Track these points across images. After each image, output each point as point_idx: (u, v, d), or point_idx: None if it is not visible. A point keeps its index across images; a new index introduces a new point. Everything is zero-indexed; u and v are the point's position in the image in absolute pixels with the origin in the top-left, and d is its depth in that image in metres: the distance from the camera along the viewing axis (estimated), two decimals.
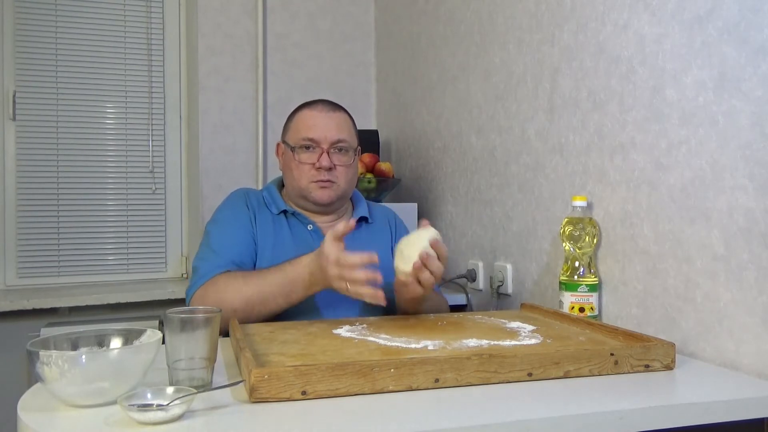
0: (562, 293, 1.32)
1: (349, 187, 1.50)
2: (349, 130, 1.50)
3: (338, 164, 1.45)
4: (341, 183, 1.47)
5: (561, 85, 1.48)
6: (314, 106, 1.50)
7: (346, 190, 1.49)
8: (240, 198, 1.51)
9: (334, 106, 1.51)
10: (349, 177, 1.49)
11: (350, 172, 1.49)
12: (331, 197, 1.46)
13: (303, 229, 1.48)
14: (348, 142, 1.47)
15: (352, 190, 1.54)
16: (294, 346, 1.02)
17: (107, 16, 2.49)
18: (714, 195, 1.08)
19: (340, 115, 1.49)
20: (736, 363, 1.03)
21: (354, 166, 1.50)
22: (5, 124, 2.37)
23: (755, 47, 1.01)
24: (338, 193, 1.47)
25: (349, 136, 1.48)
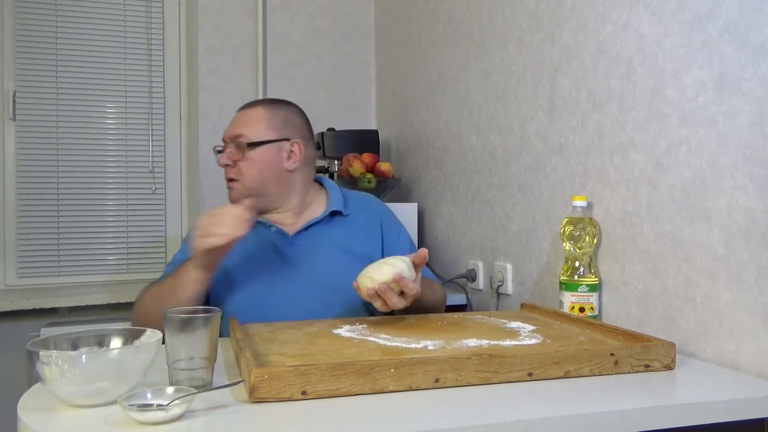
0: (562, 293, 1.32)
1: (257, 184, 1.41)
2: (254, 123, 1.42)
3: (234, 160, 1.41)
4: (244, 180, 1.41)
5: (561, 85, 1.48)
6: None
7: (252, 187, 1.41)
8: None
9: (254, 102, 1.47)
10: (251, 173, 1.40)
11: (251, 168, 1.40)
12: (235, 197, 1.41)
13: (266, 231, 1.44)
14: (245, 135, 1.40)
15: (268, 186, 1.43)
16: (294, 346, 1.02)
17: (107, 16, 2.49)
18: (714, 195, 1.08)
19: (249, 111, 1.45)
20: (736, 363, 1.03)
21: (258, 161, 1.40)
22: (5, 124, 2.37)
23: (755, 47, 1.01)
24: (243, 192, 1.40)
25: (249, 129, 1.41)
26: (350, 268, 1.39)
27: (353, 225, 1.49)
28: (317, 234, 1.45)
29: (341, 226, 1.48)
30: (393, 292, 1.15)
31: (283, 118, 1.46)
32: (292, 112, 1.50)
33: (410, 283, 1.16)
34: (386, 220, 1.55)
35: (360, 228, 1.49)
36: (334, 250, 1.44)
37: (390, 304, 1.17)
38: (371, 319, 1.26)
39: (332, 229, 1.47)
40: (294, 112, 1.51)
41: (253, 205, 1.28)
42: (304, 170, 1.49)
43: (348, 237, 1.46)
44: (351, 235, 1.47)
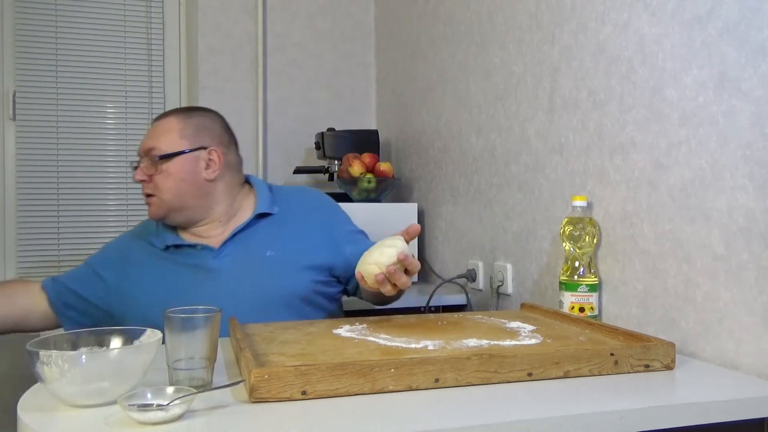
0: (562, 293, 1.32)
1: (175, 197, 1.34)
2: (165, 135, 1.36)
3: (148, 174, 1.34)
4: (161, 195, 1.34)
5: (561, 85, 1.48)
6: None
7: (170, 200, 1.34)
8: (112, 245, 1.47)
9: (165, 113, 1.40)
10: (168, 186, 1.33)
11: (167, 182, 1.33)
12: (155, 213, 1.36)
13: (193, 252, 1.37)
14: (157, 148, 1.34)
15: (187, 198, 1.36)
16: (294, 346, 1.02)
17: (107, 16, 2.49)
18: (714, 195, 1.08)
19: (161, 121, 1.38)
20: (736, 363, 1.03)
21: (172, 174, 1.34)
22: (5, 124, 2.37)
23: (755, 47, 1.01)
24: (162, 207, 1.35)
25: (161, 142, 1.35)
26: (284, 268, 1.37)
27: (285, 222, 1.43)
28: (245, 240, 1.39)
29: (270, 226, 1.41)
30: (400, 272, 1.14)
31: (196, 126, 1.38)
32: (207, 119, 1.42)
33: (413, 259, 1.15)
34: (323, 208, 1.49)
35: (294, 223, 1.43)
36: (262, 251, 1.38)
37: (400, 285, 1.15)
38: (371, 319, 1.26)
39: (260, 231, 1.40)
40: (210, 119, 1.43)
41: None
42: (227, 177, 1.41)
43: (280, 236, 1.40)
44: (283, 233, 1.41)
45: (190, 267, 1.36)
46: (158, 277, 1.36)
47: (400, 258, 1.13)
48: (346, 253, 1.42)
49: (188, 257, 1.38)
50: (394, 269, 1.13)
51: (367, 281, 1.16)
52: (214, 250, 1.37)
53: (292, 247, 1.40)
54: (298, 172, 2.43)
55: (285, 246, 1.40)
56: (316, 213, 1.47)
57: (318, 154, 2.41)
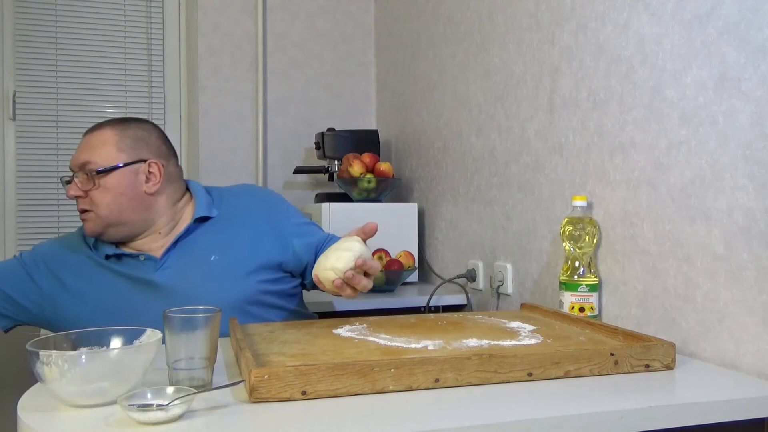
0: (562, 293, 1.32)
1: (114, 212, 1.28)
2: (101, 148, 1.29)
3: (84, 190, 1.28)
4: (98, 210, 1.27)
5: (561, 85, 1.48)
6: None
7: (108, 216, 1.28)
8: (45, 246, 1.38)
9: (99, 126, 1.33)
10: (106, 201, 1.27)
11: (105, 197, 1.27)
12: (93, 229, 1.29)
13: (135, 262, 1.32)
14: (93, 162, 1.27)
15: (126, 213, 1.30)
16: (294, 346, 1.02)
17: (107, 16, 2.49)
18: (714, 195, 1.08)
19: (94, 135, 1.31)
20: (736, 363, 1.03)
21: (111, 189, 1.28)
22: (5, 124, 2.37)
23: (755, 47, 1.01)
24: (99, 223, 1.28)
25: (97, 155, 1.28)
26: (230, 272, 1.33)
27: (228, 224, 1.38)
28: (186, 247, 1.34)
29: (212, 230, 1.36)
30: (360, 276, 1.12)
31: (134, 138, 1.32)
32: (144, 130, 1.35)
33: (372, 262, 1.12)
34: (266, 204, 1.44)
35: (237, 224, 1.38)
36: (206, 257, 1.33)
37: (360, 288, 1.13)
38: (371, 319, 1.26)
39: (201, 236, 1.35)
40: (147, 130, 1.36)
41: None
42: (169, 189, 1.35)
43: (223, 239, 1.36)
44: (226, 236, 1.36)
45: (131, 279, 1.30)
46: (98, 288, 1.30)
47: (358, 263, 1.10)
48: (295, 247, 1.39)
49: (130, 268, 1.31)
50: (352, 274, 1.11)
51: (325, 286, 1.14)
52: (157, 260, 1.31)
53: (237, 249, 1.35)
54: (298, 172, 2.43)
55: (229, 249, 1.35)
56: (259, 210, 1.42)
57: (318, 154, 2.41)
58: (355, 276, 1.11)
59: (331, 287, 1.13)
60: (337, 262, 1.11)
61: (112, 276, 1.31)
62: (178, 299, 1.24)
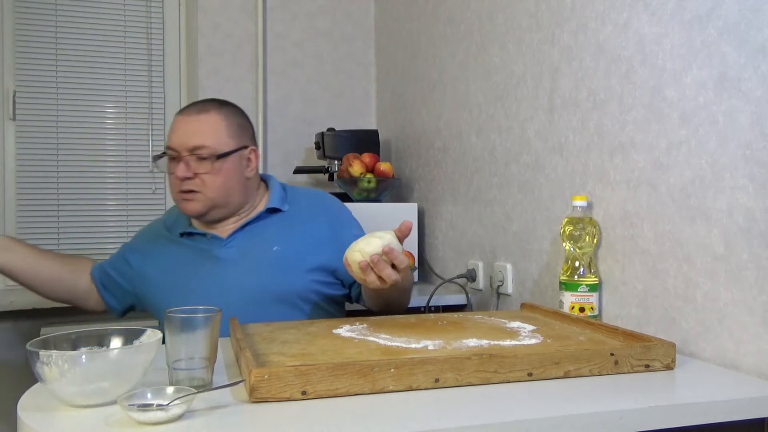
0: (562, 293, 1.32)
1: (221, 195, 1.37)
2: (215, 133, 1.36)
3: (198, 172, 1.34)
4: (208, 192, 1.35)
5: (561, 85, 1.48)
6: (183, 110, 1.40)
7: (215, 198, 1.36)
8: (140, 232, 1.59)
9: (203, 107, 1.39)
10: (217, 185, 1.35)
11: (217, 180, 1.35)
12: (196, 209, 1.36)
13: (203, 240, 1.43)
14: (209, 147, 1.34)
15: (231, 196, 1.39)
16: (294, 346, 1.02)
17: (107, 16, 2.49)
18: (714, 195, 1.08)
19: (204, 118, 1.37)
20: (736, 363, 1.03)
21: (225, 172, 1.36)
22: (5, 124, 2.37)
23: (755, 47, 1.01)
24: (205, 204, 1.36)
25: (212, 140, 1.35)
26: (288, 265, 1.39)
27: (295, 220, 1.44)
28: (253, 233, 1.42)
29: (280, 222, 1.44)
30: (385, 263, 1.15)
31: (238, 125, 1.41)
32: (242, 117, 1.45)
33: (400, 254, 1.15)
34: (336, 213, 1.50)
35: (303, 222, 1.45)
36: (269, 245, 1.41)
37: (383, 276, 1.15)
38: (371, 319, 1.26)
39: (269, 226, 1.43)
40: (244, 116, 1.46)
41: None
42: (257, 175, 1.47)
43: (287, 232, 1.42)
44: (291, 230, 1.43)
45: (198, 253, 1.41)
46: (172, 262, 1.42)
47: (385, 250, 1.14)
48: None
49: (199, 244, 1.43)
50: (378, 259, 1.14)
51: (351, 267, 1.17)
52: (222, 240, 1.41)
53: (298, 245, 1.42)
54: (298, 172, 2.43)
55: (291, 243, 1.42)
56: (324, 214, 1.48)
57: (318, 154, 2.41)
58: (380, 261, 1.14)
59: (357, 269, 1.16)
60: (366, 246, 1.15)
61: (183, 251, 1.43)
62: (236, 277, 1.37)
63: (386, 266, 1.15)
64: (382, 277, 1.16)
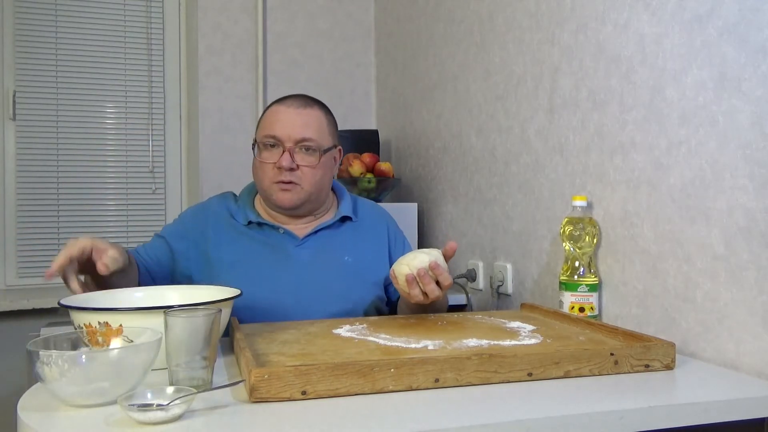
0: (562, 293, 1.32)
1: (316, 190, 1.39)
2: (320, 128, 1.39)
3: (302, 164, 1.36)
4: (305, 185, 1.37)
5: (561, 85, 1.48)
6: (285, 101, 1.41)
7: (311, 192, 1.38)
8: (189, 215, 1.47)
9: (307, 102, 1.41)
10: (316, 179, 1.38)
11: (317, 174, 1.38)
12: (293, 201, 1.37)
13: (275, 233, 1.42)
14: (315, 141, 1.36)
15: (322, 192, 1.42)
16: (294, 346, 1.02)
17: (107, 16, 2.49)
18: (714, 195, 1.08)
19: (310, 112, 1.39)
20: (736, 363, 1.03)
21: (323, 167, 1.39)
22: (5, 124, 2.37)
23: (755, 47, 1.01)
24: (302, 197, 1.37)
25: (317, 134, 1.38)
26: (355, 273, 1.41)
27: (362, 231, 1.47)
28: (325, 238, 1.43)
29: (350, 231, 1.46)
30: (430, 278, 1.17)
31: (333, 124, 1.46)
32: (333, 117, 1.48)
33: (445, 272, 1.18)
34: (393, 228, 1.54)
35: (368, 234, 1.48)
36: (341, 255, 1.43)
37: (428, 291, 1.18)
38: (371, 319, 1.26)
39: (341, 234, 1.45)
40: (334, 117, 1.48)
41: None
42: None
43: (356, 243, 1.45)
44: (359, 241, 1.46)
45: (269, 247, 1.40)
46: (239, 251, 1.38)
47: (432, 266, 1.17)
48: None
49: (269, 237, 1.41)
50: (424, 273, 1.17)
51: (398, 280, 1.20)
52: (298, 239, 1.41)
53: (367, 258, 1.45)
54: None
55: (361, 255, 1.44)
56: (383, 227, 1.51)
57: None
58: (426, 275, 1.17)
59: (403, 282, 1.19)
60: (413, 260, 1.18)
61: (251, 242, 1.39)
62: (309, 280, 1.37)
63: (431, 281, 1.17)
64: (426, 292, 1.18)
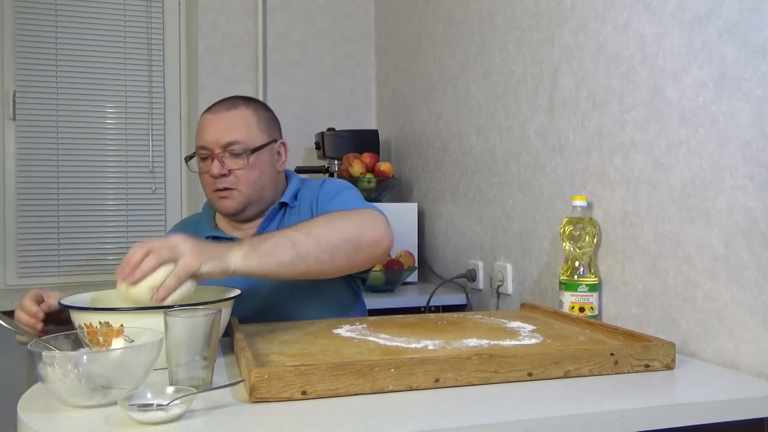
0: (562, 293, 1.32)
1: (256, 191, 1.35)
2: (247, 128, 1.34)
3: (233, 168, 1.32)
4: (242, 188, 1.33)
5: (561, 85, 1.48)
6: (212, 108, 1.37)
7: (250, 195, 1.34)
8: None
9: (233, 103, 1.36)
10: (252, 180, 1.33)
11: (252, 175, 1.33)
12: (233, 207, 1.34)
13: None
14: (242, 142, 1.32)
15: (264, 192, 1.37)
16: (294, 346, 1.02)
17: (107, 16, 2.49)
18: (714, 195, 1.08)
19: (235, 114, 1.34)
20: (736, 363, 1.03)
21: (257, 167, 1.34)
22: (5, 124, 2.37)
23: (755, 47, 1.01)
24: (241, 200, 1.34)
25: (245, 135, 1.33)
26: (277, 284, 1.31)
27: (297, 216, 1.38)
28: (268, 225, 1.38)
29: (288, 219, 1.39)
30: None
31: (267, 119, 1.40)
32: (270, 111, 1.43)
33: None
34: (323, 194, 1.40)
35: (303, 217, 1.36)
36: None
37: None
38: (371, 319, 1.26)
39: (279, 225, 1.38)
40: (270, 110, 1.44)
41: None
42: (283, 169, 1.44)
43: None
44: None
45: None
46: None
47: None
48: None
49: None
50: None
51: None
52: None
53: None
54: (299, 172, 2.42)
55: None
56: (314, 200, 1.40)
57: (318, 154, 2.41)
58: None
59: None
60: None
61: None
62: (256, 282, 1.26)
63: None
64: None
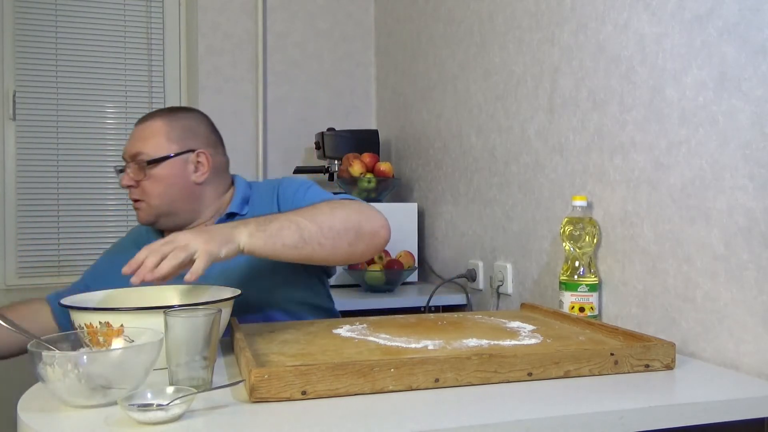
0: (562, 293, 1.33)
1: (166, 202, 1.31)
2: (153, 139, 1.31)
3: (138, 180, 1.31)
4: (150, 200, 1.31)
5: (561, 85, 1.48)
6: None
7: (159, 206, 1.31)
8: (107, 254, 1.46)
9: (150, 116, 1.35)
10: (159, 191, 1.30)
11: (158, 186, 1.30)
12: (145, 218, 1.33)
13: None
14: (145, 153, 1.30)
15: (177, 203, 1.32)
16: (294, 346, 1.02)
17: (107, 16, 2.49)
18: (714, 195, 1.08)
19: (146, 125, 1.33)
20: (736, 363, 1.03)
21: (162, 178, 1.30)
22: (5, 124, 2.37)
23: (755, 47, 1.01)
24: (151, 212, 1.32)
25: (150, 146, 1.30)
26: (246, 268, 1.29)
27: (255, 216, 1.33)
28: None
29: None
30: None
31: (183, 128, 1.35)
32: (193, 120, 1.38)
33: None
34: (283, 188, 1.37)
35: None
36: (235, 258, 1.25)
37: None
38: (371, 319, 1.26)
39: None
40: (196, 120, 1.39)
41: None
42: (216, 180, 1.37)
43: None
44: None
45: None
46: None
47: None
48: None
49: None
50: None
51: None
52: None
53: None
54: (298, 172, 2.43)
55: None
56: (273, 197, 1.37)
57: (318, 154, 2.41)
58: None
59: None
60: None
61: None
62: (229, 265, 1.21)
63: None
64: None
